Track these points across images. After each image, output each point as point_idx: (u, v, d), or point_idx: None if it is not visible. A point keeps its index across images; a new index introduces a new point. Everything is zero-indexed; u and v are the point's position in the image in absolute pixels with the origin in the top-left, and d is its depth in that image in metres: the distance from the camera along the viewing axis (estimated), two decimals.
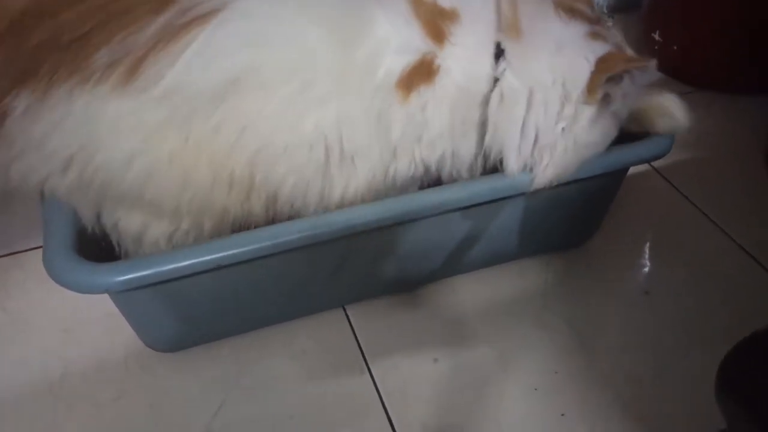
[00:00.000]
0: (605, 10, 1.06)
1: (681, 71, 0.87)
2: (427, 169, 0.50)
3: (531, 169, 0.49)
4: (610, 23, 1.03)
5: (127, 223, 0.47)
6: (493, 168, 0.51)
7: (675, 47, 0.86)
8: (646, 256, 0.65)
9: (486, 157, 0.50)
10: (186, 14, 0.40)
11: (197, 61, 0.40)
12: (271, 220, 0.49)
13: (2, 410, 0.51)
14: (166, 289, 0.46)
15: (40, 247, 0.63)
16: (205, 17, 0.40)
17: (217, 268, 0.44)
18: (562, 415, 0.51)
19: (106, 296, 0.54)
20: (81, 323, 0.58)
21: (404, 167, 0.49)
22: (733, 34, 0.81)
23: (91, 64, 0.39)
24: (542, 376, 0.54)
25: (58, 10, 0.39)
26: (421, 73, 0.45)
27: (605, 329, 0.57)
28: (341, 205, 0.48)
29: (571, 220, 0.61)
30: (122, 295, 0.47)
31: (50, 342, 0.56)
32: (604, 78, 0.46)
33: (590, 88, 0.46)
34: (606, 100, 0.47)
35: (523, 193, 0.51)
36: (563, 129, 0.48)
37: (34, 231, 0.66)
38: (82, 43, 0.38)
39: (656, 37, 0.88)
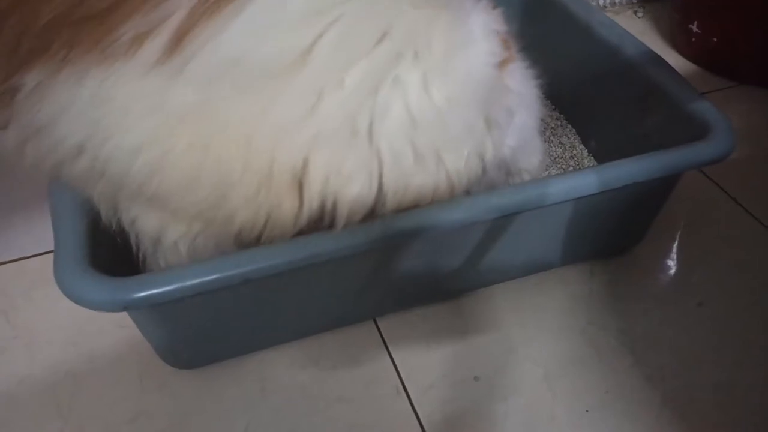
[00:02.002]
0: (634, 0, 1.01)
1: (721, 65, 0.83)
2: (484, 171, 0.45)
3: None
4: (640, 14, 0.99)
5: (144, 222, 0.43)
6: None
7: (714, 39, 0.82)
8: (697, 264, 0.60)
9: None
10: None
11: (255, 29, 0.35)
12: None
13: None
14: (190, 304, 0.42)
15: (45, 252, 0.61)
16: None
17: (245, 282, 0.40)
18: None
19: None
20: (90, 336, 0.54)
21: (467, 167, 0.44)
22: None
23: (115, 39, 0.34)
24: (593, 396, 0.50)
25: None
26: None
27: (657, 344, 0.53)
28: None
29: (619, 226, 0.56)
30: (141, 311, 0.43)
31: (58, 357, 0.52)
32: None
33: None
34: None
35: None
36: None
37: (39, 236, 0.62)
38: (104, 15, 0.34)
39: (694, 28, 0.83)
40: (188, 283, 0.38)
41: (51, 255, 0.59)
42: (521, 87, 0.50)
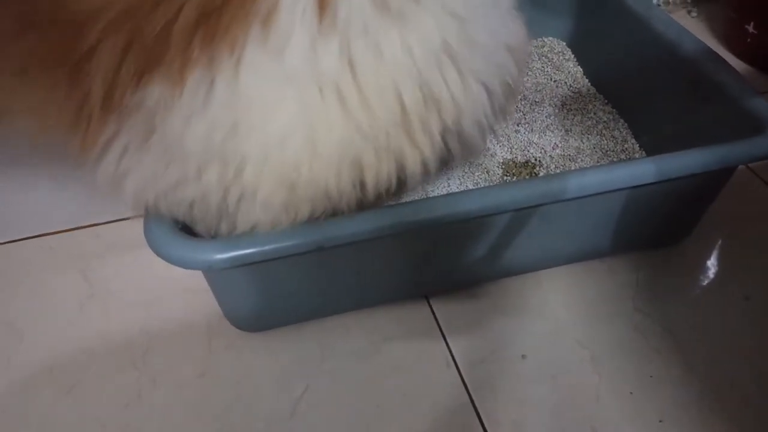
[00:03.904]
0: (688, 0, 1.01)
1: None
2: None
3: None
4: (694, 14, 0.99)
5: (245, 225, 0.42)
6: None
7: None
8: (744, 259, 0.61)
9: None
10: None
11: None
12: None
13: (86, 382, 0.51)
14: (264, 269, 0.45)
15: (119, 219, 0.65)
16: None
17: (319, 249, 0.43)
18: (660, 421, 0.49)
19: (185, 272, 0.54)
20: (161, 298, 0.57)
21: None
22: None
23: (244, 27, 0.33)
24: (637, 380, 0.51)
25: None
26: None
27: (703, 334, 0.55)
28: None
29: (670, 218, 0.58)
30: (218, 273, 0.46)
31: (132, 315, 0.56)
32: None
33: None
34: None
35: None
36: None
37: (112, 204, 0.66)
38: (223, 6, 0.32)
39: (750, 29, 0.83)
40: (267, 247, 0.41)
41: (123, 222, 0.65)
42: None
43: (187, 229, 0.44)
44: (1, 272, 0.60)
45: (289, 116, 0.35)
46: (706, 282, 0.59)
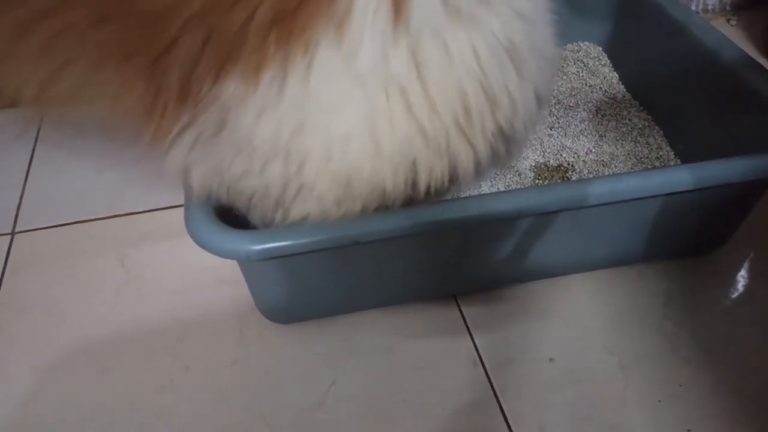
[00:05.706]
0: (727, 8, 0.99)
1: None
2: None
3: None
4: (733, 22, 0.98)
5: (297, 216, 0.43)
6: None
7: None
8: None
9: None
10: None
11: None
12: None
13: (120, 366, 0.53)
14: (298, 262, 0.46)
15: (156, 209, 0.67)
16: None
17: (354, 244, 0.43)
18: (688, 430, 0.49)
19: (218, 263, 0.55)
20: (194, 287, 0.59)
21: None
22: None
23: (320, 27, 0.34)
24: (666, 388, 0.51)
25: None
26: None
27: (733, 345, 0.54)
28: None
29: (703, 227, 0.57)
30: (254, 264, 0.47)
31: (166, 303, 0.58)
32: None
33: None
34: None
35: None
36: None
37: (149, 193, 0.68)
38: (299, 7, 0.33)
39: None
40: (303, 240, 0.42)
41: (161, 211, 0.66)
42: None
43: (224, 220, 0.46)
44: (41, 256, 0.62)
45: (354, 117, 0.36)
46: (738, 293, 0.59)
